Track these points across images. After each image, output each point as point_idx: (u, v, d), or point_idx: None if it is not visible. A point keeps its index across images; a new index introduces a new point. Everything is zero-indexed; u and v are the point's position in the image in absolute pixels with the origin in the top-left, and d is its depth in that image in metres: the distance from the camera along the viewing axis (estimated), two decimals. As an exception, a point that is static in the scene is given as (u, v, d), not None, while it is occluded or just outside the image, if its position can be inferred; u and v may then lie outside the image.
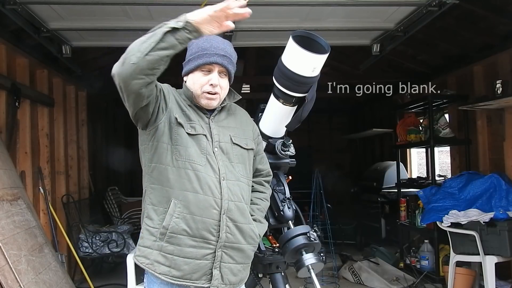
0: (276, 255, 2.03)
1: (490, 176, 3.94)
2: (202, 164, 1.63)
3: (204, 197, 1.60)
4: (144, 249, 1.66)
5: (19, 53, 3.93)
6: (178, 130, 1.64)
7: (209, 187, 1.61)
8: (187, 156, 1.62)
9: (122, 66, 1.45)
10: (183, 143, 1.63)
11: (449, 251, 4.01)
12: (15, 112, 3.78)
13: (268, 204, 1.88)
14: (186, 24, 1.48)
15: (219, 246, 1.62)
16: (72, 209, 4.83)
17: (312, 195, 5.27)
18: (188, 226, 1.59)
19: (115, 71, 1.48)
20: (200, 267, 1.61)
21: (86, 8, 3.19)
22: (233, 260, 1.67)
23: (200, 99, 1.70)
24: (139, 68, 1.44)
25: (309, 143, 9.05)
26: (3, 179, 3.17)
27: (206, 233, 1.60)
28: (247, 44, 4.33)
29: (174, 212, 1.59)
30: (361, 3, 3.10)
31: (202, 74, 1.70)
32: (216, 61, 1.68)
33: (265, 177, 1.90)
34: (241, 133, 1.78)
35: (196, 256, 1.60)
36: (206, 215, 1.60)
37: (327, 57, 1.78)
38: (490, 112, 4.31)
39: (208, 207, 1.61)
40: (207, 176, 1.62)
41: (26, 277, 2.87)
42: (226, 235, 1.63)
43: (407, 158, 6.97)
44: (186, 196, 1.60)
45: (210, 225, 1.61)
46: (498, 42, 4.09)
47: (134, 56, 1.43)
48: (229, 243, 1.64)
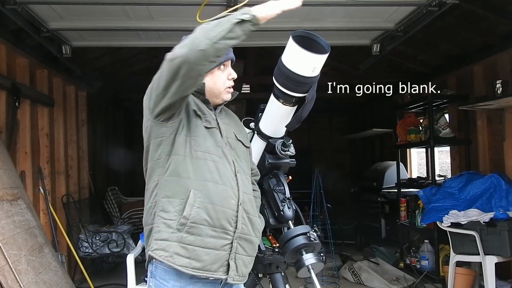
0: (276, 255, 2.03)
1: (490, 176, 3.94)
2: (219, 155, 1.67)
3: (224, 188, 1.63)
4: (162, 242, 1.61)
5: (19, 53, 3.93)
6: (196, 122, 1.67)
7: (227, 178, 1.65)
8: (205, 148, 1.65)
9: (190, 51, 1.47)
10: (201, 135, 1.66)
11: (449, 251, 4.01)
12: (15, 112, 3.78)
13: (260, 202, 1.92)
14: (253, 18, 1.52)
15: (235, 237, 1.64)
16: (72, 209, 4.83)
17: (312, 195, 5.27)
18: (209, 216, 1.59)
19: (180, 55, 1.48)
20: (218, 258, 1.61)
21: (86, 8, 3.19)
22: (245, 252, 1.68)
23: (223, 95, 1.77)
24: (206, 54, 1.47)
25: (309, 143, 9.05)
26: (3, 179, 3.17)
27: (226, 223, 1.62)
28: (247, 44, 4.32)
29: (195, 202, 1.58)
30: (361, 3, 3.09)
31: (220, 72, 1.76)
32: (232, 57, 1.78)
33: (255, 176, 1.95)
34: (239, 131, 1.85)
35: (216, 246, 1.60)
36: (226, 205, 1.62)
37: (327, 57, 1.78)
38: (490, 112, 4.31)
39: (228, 197, 1.63)
40: (225, 168, 1.66)
41: (26, 277, 2.87)
42: (242, 226, 1.65)
43: (407, 158, 6.97)
44: (207, 186, 1.61)
45: (229, 216, 1.63)
46: (498, 42, 4.09)
47: (203, 43, 1.45)
48: (243, 234, 1.66)
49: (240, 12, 1.52)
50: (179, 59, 1.48)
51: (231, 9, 2.79)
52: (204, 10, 2.76)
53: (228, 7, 2.86)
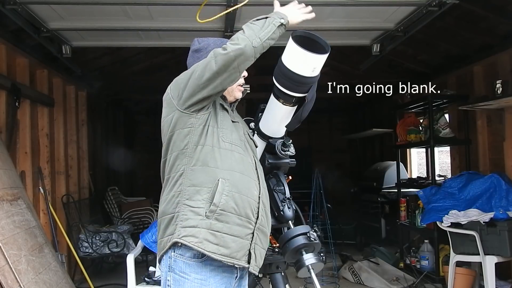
0: (276, 255, 2.03)
1: (490, 176, 3.94)
2: (243, 148, 1.75)
3: (249, 179, 1.70)
4: (191, 229, 1.61)
5: (19, 53, 3.94)
6: (223, 115, 1.75)
7: (251, 170, 1.72)
8: (232, 139, 1.72)
9: (246, 46, 1.62)
10: (228, 127, 1.73)
11: (449, 251, 4.01)
12: (15, 112, 3.78)
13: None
14: (287, 23, 1.70)
15: (256, 227, 1.68)
16: (72, 209, 4.83)
17: (312, 195, 5.27)
18: (236, 204, 1.64)
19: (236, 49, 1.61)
20: (243, 246, 1.65)
21: (86, 8, 3.19)
22: (261, 244, 1.72)
23: (235, 92, 1.85)
24: (256, 51, 1.64)
25: (309, 143, 9.05)
26: (3, 179, 3.17)
27: (250, 213, 1.67)
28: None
29: (224, 190, 1.63)
30: (361, 3, 3.09)
31: None
32: None
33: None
34: (248, 130, 1.93)
35: (241, 234, 1.64)
36: (250, 195, 1.68)
37: (327, 57, 1.78)
38: (490, 112, 4.31)
39: (252, 188, 1.69)
40: (248, 161, 1.74)
41: (26, 277, 2.87)
42: (262, 218, 1.70)
43: (407, 158, 6.97)
44: (234, 175, 1.66)
45: (253, 205, 1.68)
46: (498, 42, 4.09)
47: (255, 41, 1.63)
48: (261, 226, 1.71)
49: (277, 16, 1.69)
50: (234, 52, 1.61)
51: (231, 9, 2.79)
52: (204, 10, 2.76)
53: (228, 7, 2.86)
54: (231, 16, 3.13)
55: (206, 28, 3.32)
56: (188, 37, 3.84)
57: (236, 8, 2.80)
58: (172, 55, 5.72)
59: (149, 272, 3.39)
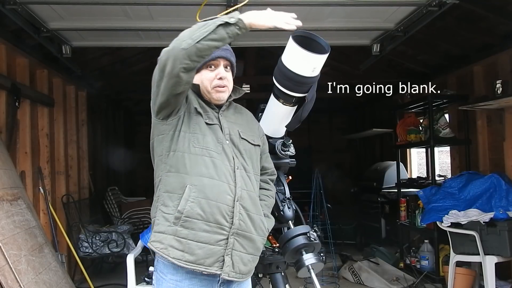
0: (276, 255, 2.03)
1: (490, 176, 3.94)
2: (218, 152, 1.69)
3: (219, 183, 1.65)
4: (159, 235, 1.66)
5: (19, 53, 3.93)
6: (197, 119, 1.71)
7: (224, 174, 1.66)
8: (204, 144, 1.68)
9: (173, 50, 1.54)
10: (201, 131, 1.69)
11: (449, 251, 4.01)
12: (15, 112, 3.78)
13: (273, 201, 1.91)
14: (238, 21, 1.55)
15: (231, 232, 1.65)
16: (72, 209, 4.83)
17: (312, 195, 5.27)
18: (202, 210, 1.62)
19: (165, 53, 1.57)
20: (213, 253, 1.63)
21: (86, 8, 3.19)
22: (244, 249, 1.68)
23: (212, 94, 1.77)
24: (187, 53, 1.52)
25: (309, 143, 9.04)
26: (3, 179, 3.17)
27: (220, 218, 1.63)
28: (247, 44, 4.33)
29: (189, 196, 1.62)
30: (361, 3, 3.09)
31: (208, 71, 1.77)
32: (220, 55, 1.75)
33: (270, 176, 1.93)
34: (248, 129, 1.84)
35: (210, 241, 1.62)
36: (220, 200, 1.64)
37: (327, 57, 1.78)
38: (490, 112, 4.31)
39: (223, 192, 1.65)
40: (223, 164, 1.68)
41: (26, 277, 2.87)
42: (239, 222, 1.66)
43: (407, 158, 6.97)
44: (202, 181, 1.64)
45: (224, 210, 1.64)
46: (498, 42, 4.09)
47: (185, 42, 1.52)
48: (241, 230, 1.67)
49: (228, 16, 1.57)
50: (164, 57, 1.56)
51: (231, 9, 2.79)
52: (204, 10, 2.76)
53: (228, 7, 2.86)
54: (231, 16, 3.13)
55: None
56: (188, 37, 3.85)
57: (236, 8, 2.80)
58: (172, 55, 5.71)
59: (149, 272, 3.38)
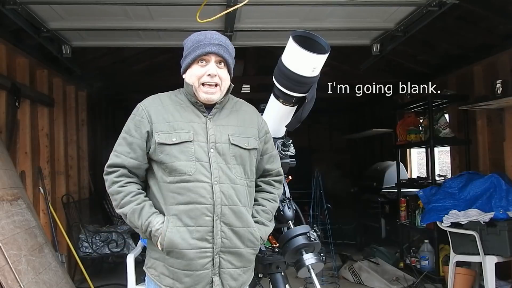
0: (276, 255, 2.03)
1: (490, 176, 3.94)
2: (192, 172, 1.63)
3: (195, 206, 1.61)
4: (153, 261, 1.70)
5: (19, 53, 3.93)
6: (160, 148, 1.66)
7: (200, 195, 1.61)
8: (174, 171, 1.63)
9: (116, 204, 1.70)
10: (167, 159, 1.64)
11: (449, 251, 4.01)
12: (15, 112, 3.78)
13: (276, 205, 1.85)
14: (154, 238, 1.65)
15: (215, 252, 1.62)
16: (72, 209, 4.83)
17: (312, 195, 5.27)
18: (182, 239, 1.60)
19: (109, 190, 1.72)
20: (201, 278, 1.62)
21: (86, 8, 3.19)
22: (232, 265, 1.66)
23: (199, 93, 1.69)
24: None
25: (309, 143, 9.04)
26: (3, 179, 3.17)
27: (201, 242, 1.61)
28: (247, 44, 4.33)
29: (167, 227, 1.61)
30: (361, 3, 3.09)
31: (199, 66, 1.69)
32: (211, 50, 1.67)
33: (275, 177, 1.87)
34: (242, 132, 1.73)
35: (196, 267, 1.61)
36: (199, 224, 1.61)
37: (327, 57, 1.78)
38: (490, 112, 4.31)
39: (200, 215, 1.61)
40: (198, 184, 1.62)
41: (26, 277, 2.86)
42: (222, 240, 1.63)
43: (407, 158, 6.97)
44: (178, 209, 1.62)
45: (204, 233, 1.61)
46: (498, 42, 4.09)
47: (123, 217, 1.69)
48: (225, 248, 1.63)
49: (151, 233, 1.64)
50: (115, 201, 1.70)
51: (231, 9, 2.79)
52: (204, 10, 2.76)
53: (228, 7, 2.86)
54: (231, 16, 3.13)
55: (206, 28, 3.26)
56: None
57: (236, 8, 2.80)
58: (172, 55, 5.70)
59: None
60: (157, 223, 1.62)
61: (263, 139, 1.81)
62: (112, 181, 1.69)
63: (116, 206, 1.69)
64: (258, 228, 1.73)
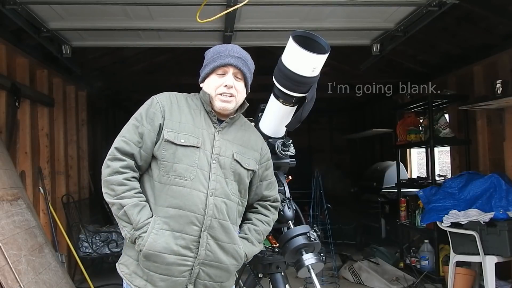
0: (276, 255, 2.03)
1: (490, 176, 3.94)
2: (190, 178, 1.62)
3: (186, 213, 1.59)
4: (127, 258, 1.67)
5: (19, 53, 3.93)
6: (166, 145, 1.63)
7: (193, 203, 1.60)
8: (173, 172, 1.61)
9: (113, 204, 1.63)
10: (170, 159, 1.62)
11: (449, 251, 4.01)
12: (15, 112, 3.78)
13: (269, 229, 1.85)
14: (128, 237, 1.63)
15: (197, 263, 1.61)
16: (72, 209, 4.83)
17: (312, 195, 5.27)
18: (166, 243, 1.58)
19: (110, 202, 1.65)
20: (176, 284, 1.61)
21: (86, 8, 3.18)
22: (209, 278, 1.65)
23: (215, 101, 1.71)
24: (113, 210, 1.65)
25: (309, 143, 9.05)
26: (3, 179, 3.17)
27: (184, 250, 1.59)
28: (247, 44, 4.31)
29: (153, 228, 1.58)
30: (361, 3, 3.09)
31: (217, 77, 1.71)
32: (230, 62, 1.70)
33: (272, 203, 1.87)
34: (245, 152, 1.75)
35: (174, 273, 1.60)
36: (185, 231, 1.59)
37: (327, 57, 1.78)
38: (490, 112, 4.31)
39: (189, 223, 1.59)
40: (193, 191, 1.61)
41: (26, 277, 2.86)
42: (206, 252, 1.62)
43: (407, 158, 6.97)
44: (167, 212, 1.60)
45: (189, 242, 1.60)
46: (498, 42, 4.09)
47: (115, 208, 1.62)
48: (208, 260, 1.63)
49: (134, 235, 1.60)
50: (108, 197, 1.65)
51: (231, 9, 2.79)
52: (204, 10, 2.76)
53: (228, 7, 2.86)
54: (231, 16, 3.13)
55: (206, 28, 3.32)
56: (188, 37, 3.85)
57: (236, 8, 2.80)
58: (172, 55, 5.72)
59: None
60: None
61: (264, 165, 1.83)
62: (116, 170, 1.60)
63: (113, 196, 1.59)
64: (245, 246, 1.72)
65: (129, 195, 1.59)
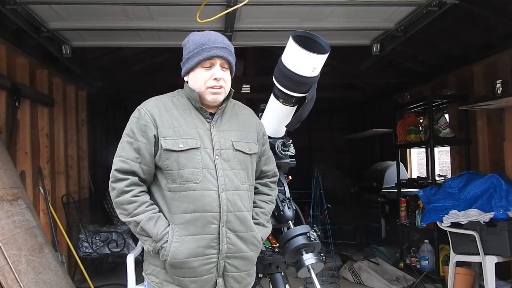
0: (276, 255, 2.03)
1: (490, 176, 3.94)
2: (199, 180, 1.61)
3: (202, 215, 1.60)
4: (154, 268, 1.67)
5: (19, 53, 3.93)
6: (166, 154, 1.62)
7: (207, 203, 1.60)
8: (180, 179, 1.60)
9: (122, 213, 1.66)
10: (174, 167, 1.61)
11: (449, 251, 4.01)
12: (15, 112, 3.78)
13: (273, 206, 1.87)
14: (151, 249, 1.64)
15: (221, 257, 1.63)
16: (72, 209, 4.83)
17: (312, 195, 5.27)
18: (188, 248, 1.59)
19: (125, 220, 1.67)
20: (206, 282, 1.63)
21: (86, 8, 3.19)
22: (236, 269, 1.67)
23: (205, 95, 1.68)
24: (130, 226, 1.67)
25: (309, 143, 9.05)
26: (3, 179, 3.17)
27: (207, 250, 1.61)
28: (247, 44, 4.33)
29: (173, 237, 1.59)
30: (361, 3, 3.09)
31: (203, 70, 1.67)
32: (217, 54, 1.65)
33: (271, 178, 1.88)
34: (243, 136, 1.74)
35: (202, 273, 1.61)
36: (205, 232, 1.60)
37: (327, 57, 1.78)
38: (490, 112, 4.31)
39: (207, 224, 1.60)
40: (205, 192, 1.61)
41: (26, 277, 2.87)
42: (228, 246, 1.63)
43: (407, 158, 6.97)
44: (183, 218, 1.60)
45: (210, 241, 1.61)
46: (498, 42, 4.09)
47: (132, 225, 1.64)
48: (231, 253, 1.64)
49: (156, 247, 1.61)
50: (123, 216, 1.66)
51: (231, 9, 2.79)
52: (204, 10, 2.77)
53: (228, 7, 2.86)
54: (231, 16, 3.13)
55: (206, 28, 3.28)
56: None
57: (236, 8, 2.80)
58: (172, 55, 5.72)
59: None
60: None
61: (261, 141, 1.82)
62: (122, 190, 1.62)
63: (126, 215, 1.61)
64: (259, 230, 1.74)
65: (141, 211, 1.60)
